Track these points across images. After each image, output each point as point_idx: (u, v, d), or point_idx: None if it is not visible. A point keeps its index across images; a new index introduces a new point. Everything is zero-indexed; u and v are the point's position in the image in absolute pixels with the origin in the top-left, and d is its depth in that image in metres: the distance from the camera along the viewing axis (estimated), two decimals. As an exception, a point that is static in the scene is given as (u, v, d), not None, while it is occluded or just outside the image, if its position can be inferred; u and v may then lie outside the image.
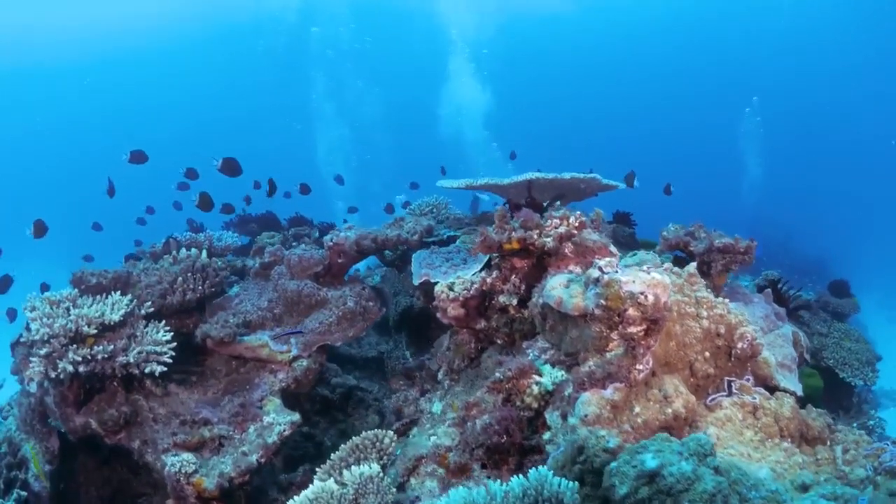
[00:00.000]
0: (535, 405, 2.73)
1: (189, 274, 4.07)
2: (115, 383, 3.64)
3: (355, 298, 3.94)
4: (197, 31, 30.06)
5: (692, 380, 2.92)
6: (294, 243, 4.79)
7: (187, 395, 3.89)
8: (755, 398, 2.90)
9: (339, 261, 4.16)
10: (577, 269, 3.05)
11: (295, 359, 3.88)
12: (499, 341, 3.32)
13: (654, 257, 3.74)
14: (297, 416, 3.54)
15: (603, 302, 2.52)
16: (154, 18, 28.01)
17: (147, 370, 3.50)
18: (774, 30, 27.75)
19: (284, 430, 3.43)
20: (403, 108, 29.03)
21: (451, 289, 3.25)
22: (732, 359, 3.05)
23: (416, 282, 3.55)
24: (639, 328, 2.54)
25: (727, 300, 3.11)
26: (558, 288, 2.68)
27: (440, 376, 3.67)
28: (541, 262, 3.18)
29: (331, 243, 4.09)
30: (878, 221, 24.04)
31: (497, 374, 2.82)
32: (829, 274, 13.47)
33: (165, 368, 3.54)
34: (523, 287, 3.19)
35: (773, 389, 3.09)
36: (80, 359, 3.40)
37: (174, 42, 30.79)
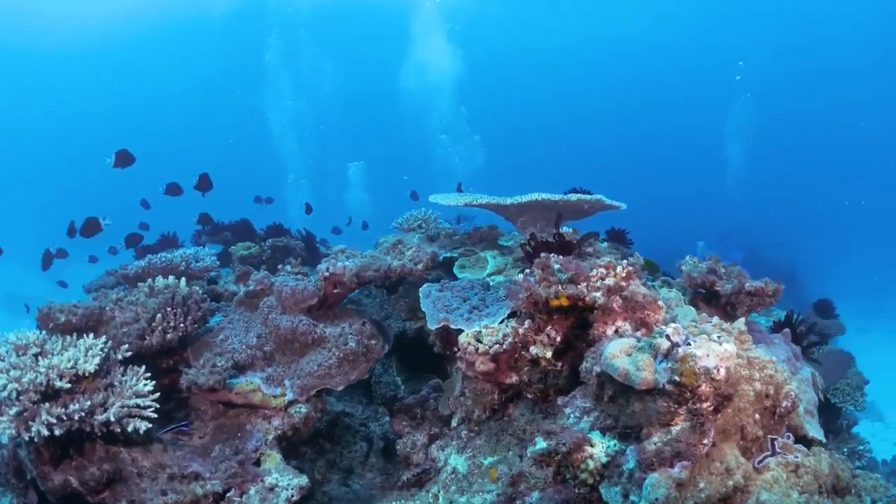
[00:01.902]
0: (590, 481, 2.49)
1: (169, 309, 3.68)
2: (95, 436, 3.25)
3: (357, 337, 3.62)
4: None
5: (741, 442, 2.77)
6: (279, 266, 4.40)
7: (171, 443, 3.53)
8: (797, 457, 2.80)
9: (335, 291, 3.82)
10: (627, 327, 2.81)
11: (290, 404, 3.55)
12: (529, 396, 3.04)
13: (679, 296, 3.54)
14: (304, 480, 3.22)
15: (676, 378, 2.30)
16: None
17: (130, 428, 3.11)
18: (756, 32, 27.72)
19: (293, 496, 3.11)
20: (363, 74, 28.14)
21: (478, 340, 2.96)
22: (775, 416, 2.91)
23: (431, 326, 3.25)
24: (708, 404, 2.37)
25: (773, 358, 2.94)
26: (621, 357, 2.43)
27: (455, 423, 3.39)
28: (581, 312, 2.91)
29: (327, 273, 3.74)
30: (848, 231, 24.56)
31: (544, 444, 2.56)
32: (800, 284, 13.74)
33: (150, 425, 3.16)
34: (559, 339, 2.92)
35: (802, 439, 3.05)
36: (54, 420, 3.00)
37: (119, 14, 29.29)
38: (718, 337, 2.43)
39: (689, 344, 2.37)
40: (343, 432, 4.51)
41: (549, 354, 2.93)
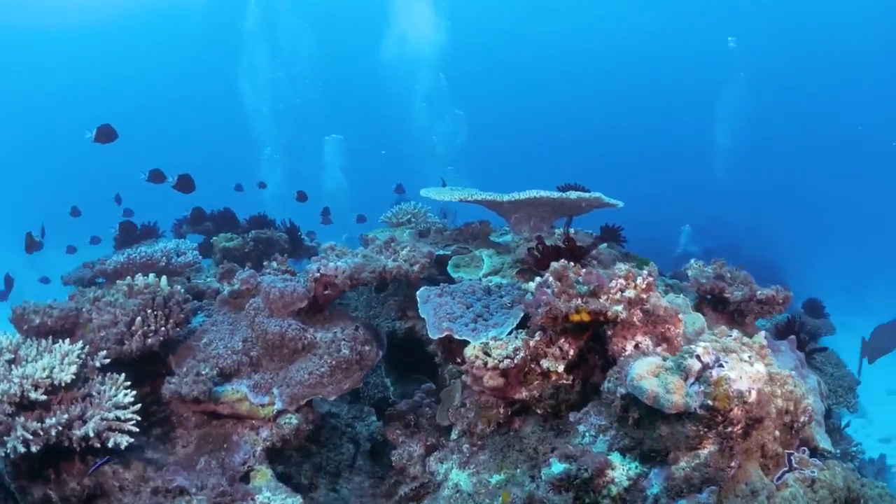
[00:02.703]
0: (611, 508, 2.35)
1: (149, 311, 3.46)
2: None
3: (350, 343, 3.43)
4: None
5: (761, 459, 2.68)
6: (265, 263, 4.19)
7: (153, 451, 3.34)
8: (814, 471, 2.73)
9: (326, 292, 3.63)
10: (647, 342, 2.66)
11: (279, 414, 3.37)
12: (539, 411, 2.89)
13: (687, 302, 3.41)
14: (299, 501, 3.05)
15: (709, 402, 2.20)
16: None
17: (110, 444, 2.91)
18: (749, 12, 27.44)
19: (287, 519, 2.93)
20: (342, 44, 27.47)
21: (487, 354, 2.78)
22: (792, 431, 2.83)
23: (433, 336, 3.07)
24: (739, 427, 2.27)
25: (791, 372, 2.83)
26: (648, 378, 2.28)
27: (455, 435, 3.23)
28: (597, 325, 2.76)
29: (318, 274, 3.54)
30: (827, 226, 24.62)
31: (561, 467, 2.42)
32: (780, 279, 13.74)
33: (132, 440, 2.97)
34: (572, 352, 2.77)
35: (813, 450, 2.97)
36: (30, 436, 2.79)
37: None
38: (749, 357, 2.35)
39: (722, 365, 2.27)
40: (329, 434, 4.33)
41: (561, 368, 2.78)
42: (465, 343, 2.94)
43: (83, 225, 8.60)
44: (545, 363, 2.79)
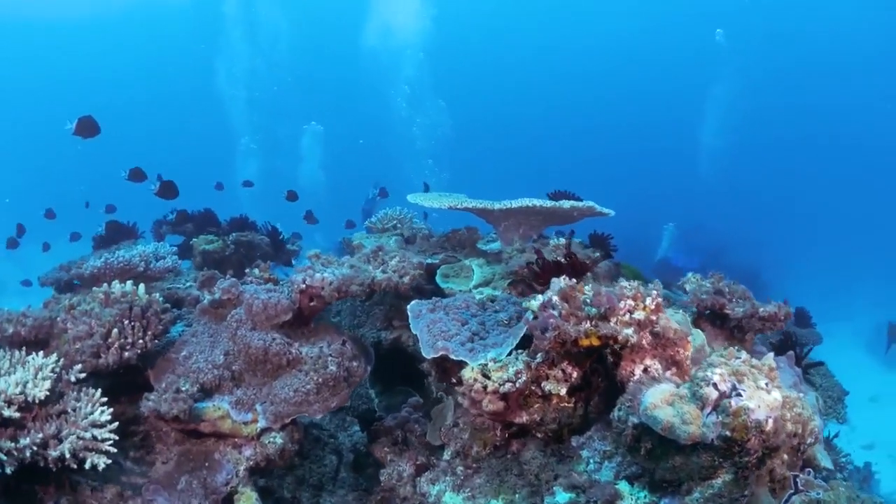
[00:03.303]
0: (621, 541, 2.26)
1: (126, 322, 3.30)
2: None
3: (337, 359, 3.29)
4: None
5: (770, 484, 2.59)
6: (246, 270, 4.04)
7: (132, 467, 3.19)
8: (819, 493, 2.63)
9: (311, 304, 3.49)
10: (657, 365, 2.56)
11: (263, 432, 3.23)
12: (539, 435, 2.78)
13: (686, 319, 3.32)
14: (286, 526, 2.91)
15: (727, 433, 2.12)
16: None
17: (87, 465, 2.76)
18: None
19: (273, 547, 2.79)
20: (322, 31, 26.95)
21: (486, 376, 2.67)
22: (798, 453, 2.75)
23: (427, 354, 2.94)
24: (754, 457, 2.20)
25: (801, 395, 2.75)
26: (663, 407, 2.18)
27: (447, 456, 3.11)
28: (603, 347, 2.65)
29: (303, 286, 3.40)
30: (809, 231, 24.60)
31: (567, 497, 2.33)
32: (762, 285, 13.77)
33: (109, 461, 2.81)
34: (575, 374, 2.66)
35: (815, 468, 2.89)
36: (3, 456, 2.63)
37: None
38: (766, 384, 2.27)
39: (740, 394, 2.20)
40: (312, 445, 4.20)
41: (563, 392, 2.67)
42: (461, 363, 2.82)
43: (63, 219, 8.34)
44: (547, 386, 2.68)
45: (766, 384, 2.27)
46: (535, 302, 2.72)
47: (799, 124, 30.06)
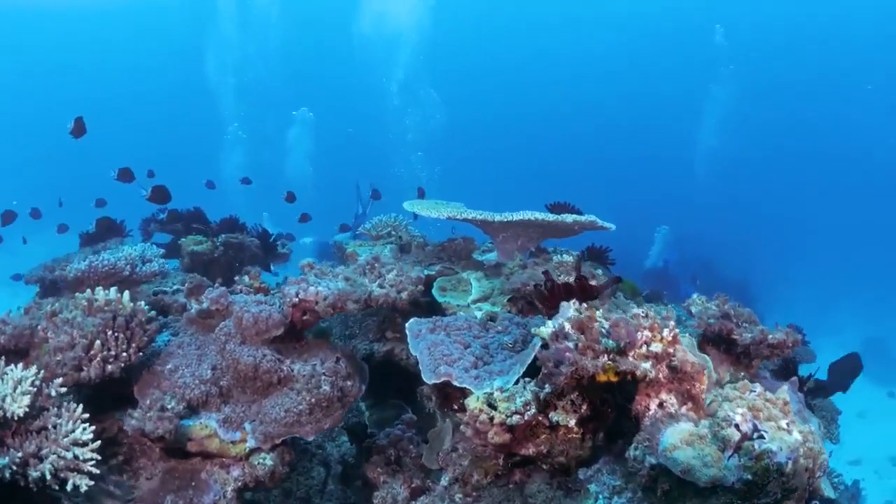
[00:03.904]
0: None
1: (109, 333, 3.15)
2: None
3: (331, 378, 3.16)
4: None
5: (780, 521, 2.52)
6: (237, 278, 3.90)
7: (115, 483, 3.05)
8: None
9: (304, 318, 3.36)
10: (672, 400, 2.47)
11: (252, 452, 3.10)
12: (545, 467, 2.67)
13: (693, 343, 3.23)
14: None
15: (748, 476, 2.10)
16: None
17: (69, 486, 2.63)
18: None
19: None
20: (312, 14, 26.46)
21: (492, 407, 2.55)
22: (809, 487, 2.67)
23: (429, 380, 2.81)
24: (772, 499, 2.17)
25: (812, 429, 2.66)
26: (682, 448, 2.11)
27: (445, 481, 2.99)
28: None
29: (296, 299, 3.26)
30: (798, 244, 24.48)
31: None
32: (750, 297, 13.73)
33: (92, 482, 2.68)
34: (585, 406, 2.56)
35: (820, 499, 2.77)
36: (-22, 477, 2.50)
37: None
38: (787, 424, 2.25)
39: (762, 436, 2.16)
40: (299, 456, 4.07)
41: (572, 423, 2.56)
42: (464, 388, 2.70)
43: (49, 214, 8.12)
44: (555, 417, 2.57)
45: (787, 424, 2.24)
46: (546, 329, 2.61)
47: (794, 131, 29.96)
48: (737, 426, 2.17)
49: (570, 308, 2.67)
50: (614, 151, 32.18)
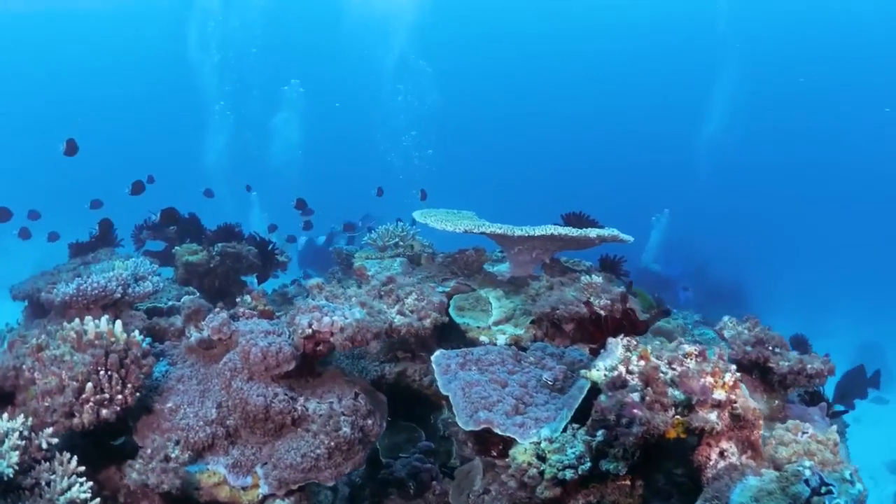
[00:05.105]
0: None
1: (102, 373, 2.85)
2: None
3: (350, 418, 2.89)
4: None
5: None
6: (238, 300, 3.62)
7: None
8: None
9: (318, 348, 3.08)
10: (733, 449, 2.29)
11: (266, 499, 2.84)
12: (593, 517, 2.43)
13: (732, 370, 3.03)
14: None
15: None
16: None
17: (64, 557, 2.36)
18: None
19: None
20: None
21: (541, 458, 2.31)
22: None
23: (466, 427, 2.55)
24: None
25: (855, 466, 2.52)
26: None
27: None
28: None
29: (309, 331, 2.98)
30: (791, 246, 24.20)
31: None
32: (745, 300, 13.55)
33: (91, 551, 2.41)
34: (638, 453, 2.33)
35: None
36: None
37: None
38: (851, 475, 2.15)
39: (831, 492, 2.02)
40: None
41: (623, 471, 2.34)
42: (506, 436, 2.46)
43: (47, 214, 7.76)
44: (606, 465, 2.35)
45: (851, 475, 2.15)
46: (597, 373, 2.37)
47: (792, 137, 29.59)
48: (806, 482, 2.03)
49: (618, 346, 2.45)
50: (613, 139, 31.57)
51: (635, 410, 2.14)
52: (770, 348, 3.20)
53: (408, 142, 17.01)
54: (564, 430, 2.43)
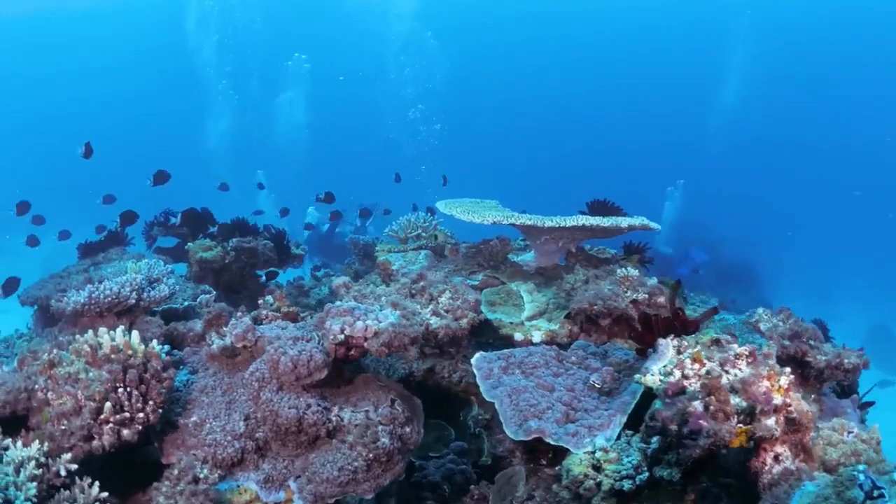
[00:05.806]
0: None
1: (120, 390, 2.68)
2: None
3: (389, 427, 2.73)
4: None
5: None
6: (261, 301, 3.44)
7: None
8: None
9: (350, 353, 2.91)
10: (787, 453, 2.22)
11: (301, 516, 2.68)
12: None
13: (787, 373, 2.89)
14: None
15: None
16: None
17: None
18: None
19: None
20: None
21: (597, 469, 2.16)
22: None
23: (516, 437, 2.39)
24: None
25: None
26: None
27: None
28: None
29: (341, 336, 2.81)
30: (799, 227, 23.80)
31: None
32: (756, 281, 13.34)
33: (119, 586, 2.25)
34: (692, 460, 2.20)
35: None
36: None
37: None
38: None
39: (883, 495, 1.97)
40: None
41: (677, 477, 2.20)
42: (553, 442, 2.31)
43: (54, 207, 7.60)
44: (660, 472, 2.21)
45: None
46: (652, 378, 2.22)
47: (804, 115, 29.00)
48: (860, 486, 1.97)
49: (669, 347, 2.31)
50: (625, 116, 30.81)
51: (701, 422, 2.00)
52: (806, 341, 3.10)
53: (415, 115, 16.74)
54: (618, 437, 2.28)
